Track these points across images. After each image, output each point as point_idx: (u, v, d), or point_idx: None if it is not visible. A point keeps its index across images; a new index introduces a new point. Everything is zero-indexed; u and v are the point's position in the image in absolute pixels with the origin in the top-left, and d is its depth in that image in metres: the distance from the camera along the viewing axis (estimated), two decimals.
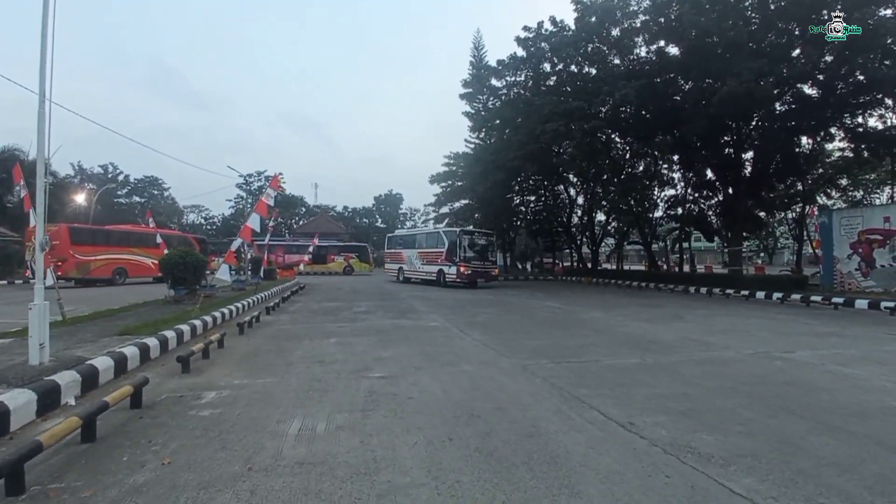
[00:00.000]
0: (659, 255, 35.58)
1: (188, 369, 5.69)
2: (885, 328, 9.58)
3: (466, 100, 35.02)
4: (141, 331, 7.52)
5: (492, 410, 4.29)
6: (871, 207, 19.54)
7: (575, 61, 23.54)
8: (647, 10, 20.69)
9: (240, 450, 3.38)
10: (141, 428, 3.82)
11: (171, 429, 3.80)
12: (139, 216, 61.89)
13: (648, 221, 30.37)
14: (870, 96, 17.43)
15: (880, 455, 3.32)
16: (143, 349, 6.06)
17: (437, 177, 38.90)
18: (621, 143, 27.97)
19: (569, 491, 2.79)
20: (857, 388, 5.11)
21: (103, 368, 5.05)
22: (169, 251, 13.79)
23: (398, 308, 13.37)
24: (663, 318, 11.27)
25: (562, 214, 35.95)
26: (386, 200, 75.79)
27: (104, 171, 60.23)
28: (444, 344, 7.79)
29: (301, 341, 8.00)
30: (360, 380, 5.40)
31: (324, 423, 3.93)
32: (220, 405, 4.44)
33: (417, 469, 3.08)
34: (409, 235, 29.70)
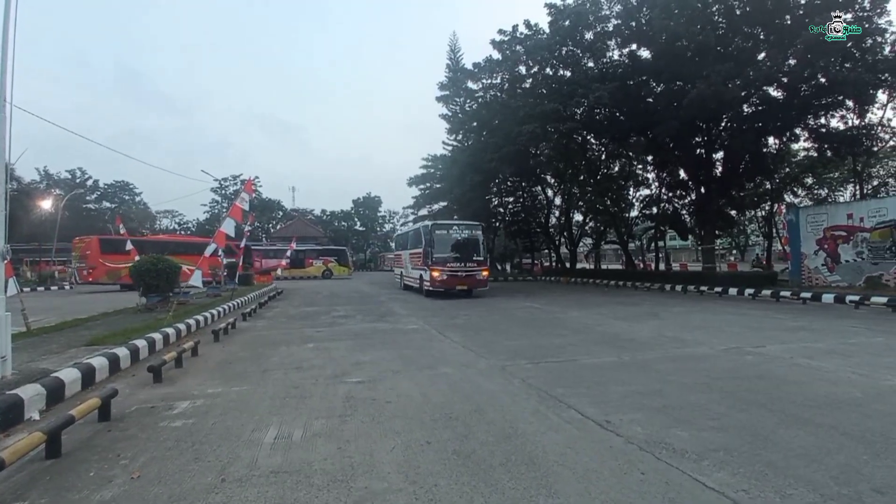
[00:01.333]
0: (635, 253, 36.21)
1: (160, 379, 5.55)
2: (850, 321, 9.92)
3: (443, 102, 35.10)
4: (110, 340, 7.30)
5: (470, 412, 4.29)
6: (835, 205, 20.23)
7: (550, 64, 23.78)
8: (618, 15, 21.05)
9: (213, 460, 3.31)
10: (109, 441, 3.71)
11: (140, 441, 3.69)
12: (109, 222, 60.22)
13: (624, 221, 30.92)
14: (831, 98, 18.06)
15: (846, 446, 3.43)
16: (112, 359, 5.88)
17: (416, 179, 38.86)
18: (597, 145, 28.37)
19: (546, 491, 2.80)
20: (824, 380, 5.27)
21: (70, 381, 4.88)
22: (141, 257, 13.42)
23: (377, 312, 13.29)
24: (639, 316, 11.45)
25: (540, 215, 36.27)
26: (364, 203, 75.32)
27: (72, 177, 58.67)
28: (423, 347, 7.77)
29: (278, 347, 7.89)
30: (338, 385, 5.35)
31: (300, 431, 3.88)
32: (194, 415, 4.33)
33: (395, 474, 3.05)
34: (403, 234, 25.71)
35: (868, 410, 4.19)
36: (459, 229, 17.89)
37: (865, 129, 19.40)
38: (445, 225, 18.14)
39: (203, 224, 68.06)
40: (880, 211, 14.98)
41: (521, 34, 23.62)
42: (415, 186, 39.53)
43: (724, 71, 16.39)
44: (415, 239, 20.24)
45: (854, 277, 15.48)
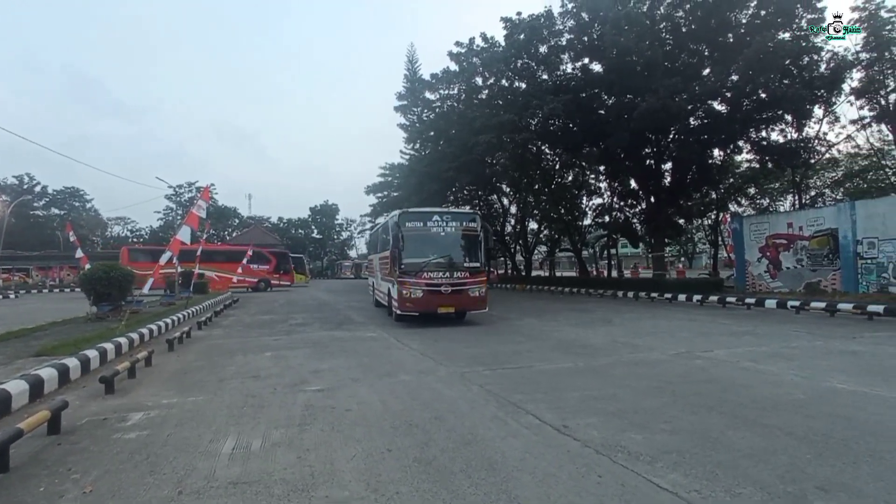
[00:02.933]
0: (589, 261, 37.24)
1: (112, 390, 5.32)
2: (791, 326, 10.54)
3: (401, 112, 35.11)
4: (59, 351, 6.94)
5: (430, 420, 4.31)
6: (776, 214, 21.50)
7: (505, 76, 24.30)
8: (571, 30, 21.77)
9: (169, 473, 3.21)
10: (59, 455, 3.56)
11: (93, 455, 3.56)
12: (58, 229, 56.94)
13: (578, 229, 31.78)
14: (772, 112, 19.21)
15: (790, 445, 3.63)
16: (61, 370, 5.59)
17: (373, 187, 38.76)
18: (551, 155, 29.08)
19: (506, 496, 2.85)
20: (769, 383, 5.57)
21: (16, 393, 4.62)
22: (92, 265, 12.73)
23: (334, 319, 13.13)
24: (593, 322, 11.79)
25: (496, 223, 36.80)
26: (322, 211, 74.37)
27: (19, 182, 55.75)
28: (382, 354, 7.75)
29: (234, 356, 7.69)
30: (296, 394, 5.26)
31: (259, 440, 3.80)
32: (148, 427, 4.19)
33: (356, 482, 3.03)
34: (374, 231, 20.01)
35: (810, 411, 4.44)
36: (443, 220, 11.70)
37: (803, 142, 20.72)
38: (421, 215, 11.86)
39: (157, 231, 65.55)
40: (818, 220, 16.01)
41: (477, 46, 24.01)
42: (372, 195, 39.41)
43: (671, 85, 17.22)
44: (383, 237, 14.35)
45: (794, 283, 16.46)
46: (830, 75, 18.08)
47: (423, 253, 11.29)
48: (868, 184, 23.94)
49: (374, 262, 16.85)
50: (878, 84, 18.90)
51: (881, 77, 18.72)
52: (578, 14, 20.99)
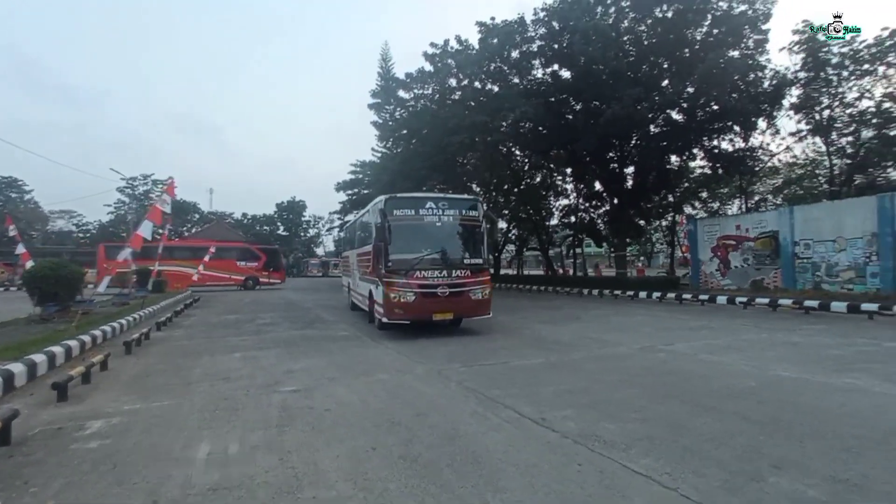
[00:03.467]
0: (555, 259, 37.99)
1: (66, 397, 5.03)
2: (740, 320, 11.15)
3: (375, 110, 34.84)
4: (1, 355, 6.47)
5: (412, 417, 4.34)
6: (726, 217, 22.62)
7: (478, 78, 24.57)
8: (542, 37, 22.23)
9: (140, 482, 3.08)
10: (12, 468, 3.32)
11: (50, 466, 3.34)
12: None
13: (545, 229, 32.38)
14: (722, 123, 20.35)
15: (746, 429, 3.90)
16: (5, 377, 5.22)
17: (344, 184, 38.42)
18: (521, 156, 29.53)
19: (493, 487, 2.93)
20: (724, 373, 5.91)
21: None
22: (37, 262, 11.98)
23: (304, 319, 12.91)
24: (563, 319, 12.09)
25: None
26: (288, 207, 72.53)
27: None
28: (357, 353, 7.70)
29: (200, 358, 7.44)
30: (271, 395, 5.16)
31: (236, 444, 3.71)
32: (111, 435, 3.99)
33: (343, 482, 3.03)
34: (351, 224, 17.01)
35: (761, 397, 4.78)
36: (439, 207, 9.77)
37: (749, 151, 21.99)
38: (412, 201, 9.84)
39: (106, 226, 61.87)
40: (762, 223, 17.00)
41: (452, 48, 24.15)
42: (343, 192, 39.05)
43: (634, 94, 17.88)
44: (363, 229, 12.59)
45: (742, 281, 17.38)
46: (773, 91, 19.37)
47: (415, 247, 9.40)
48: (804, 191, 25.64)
49: (351, 259, 14.43)
50: (813, 101, 20.31)
51: (816, 94, 20.12)
52: (549, 23, 21.49)
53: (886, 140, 19.68)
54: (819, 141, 21.68)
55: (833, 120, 20.34)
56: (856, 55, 18.48)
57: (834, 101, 19.93)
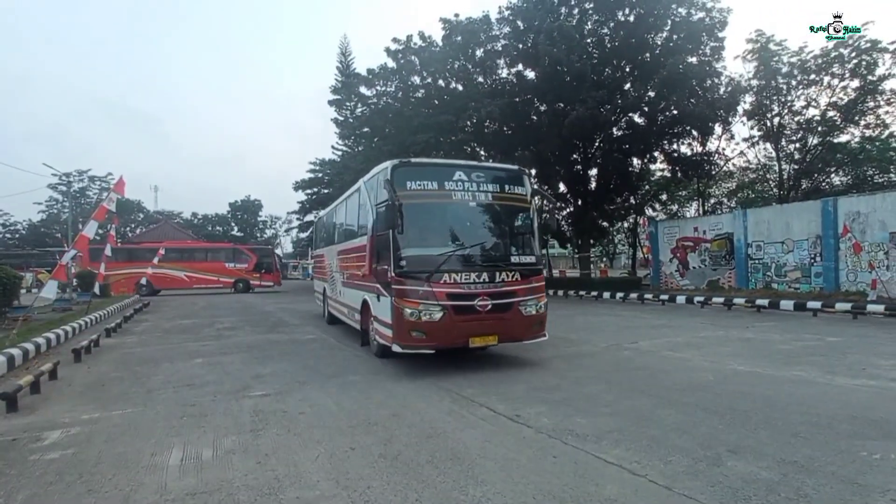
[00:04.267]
0: None
1: (16, 407, 4.76)
2: (699, 319, 11.66)
3: (335, 106, 34.38)
4: None
5: (388, 417, 4.35)
6: (685, 219, 23.62)
7: (443, 76, 24.65)
8: (507, 36, 22.52)
9: (111, 490, 2.97)
10: None
11: (11, 478, 3.17)
12: None
13: None
14: (682, 128, 21.13)
15: (706, 419, 4.13)
16: None
17: (302, 183, 37.58)
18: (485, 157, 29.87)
19: (474, 481, 2.98)
20: (685, 368, 6.20)
21: None
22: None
23: (267, 322, 12.63)
24: None
25: None
26: (243, 207, 70.23)
27: None
28: (326, 356, 7.62)
29: (159, 364, 7.17)
30: (241, 400, 5.05)
31: (210, 449, 3.62)
32: (72, 445, 3.81)
33: (325, 481, 3.02)
34: (329, 211, 13.12)
35: (718, 390, 5.06)
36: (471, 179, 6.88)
37: (706, 155, 22.95)
38: (433, 170, 7.09)
39: (37, 226, 57.89)
40: (718, 225, 17.82)
41: (415, 44, 24.12)
42: (301, 191, 38.19)
43: (598, 97, 18.40)
44: (349, 215, 9.68)
45: (699, 281, 18.17)
46: (728, 98, 20.30)
47: (439, 238, 6.55)
48: (756, 194, 27.02)
49: (329, 258, 11.19)
50: (764, 108, 21.45)
51: (767, 102, 21.24)
52: (514, 22, 21.76)
53: (830, 147, 20.99)
54: (770, 147, 22.90)
55: (783, 127, 21.54)
56: (804, 65, 19.58)
57: (783, 109, 21.10)
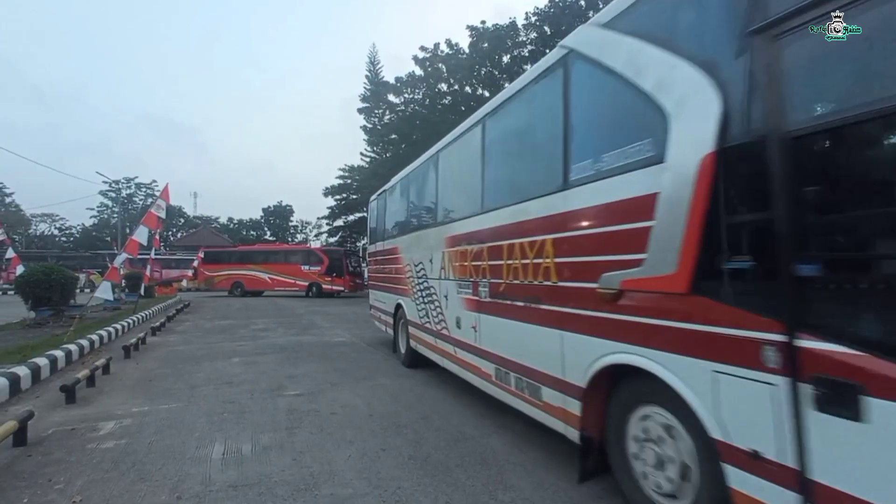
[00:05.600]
0: None
1: (74, 399, 5.10)
2: None
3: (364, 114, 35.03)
4: (3, 359, 6.54)
5: (417, 420, 4.46)
6: None
7: (469, 83, 24.90)
8: (534, 42, 22.61)
9: (161, 479, 3.18)
10: (34, 467, 3.41)
11: (71, 465, 3.43)
12: None
13: None
14: None
15: None
16: (12, 380, 5.28)
17: (332, 189, 38.43)
18: None
19: (503, 486, 3.07)
20: None
21: None
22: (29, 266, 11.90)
23: (298, 324, 12.95)
24: None
25: None
26: (275, 212, 72.13)
27: None
28: (356, 359, 7.78)
29: (200, 362, 7.49)
30: (276, 399, 5.25)
31: (249, 445, 3.82)
32: (125, 435, 4.08)
33: (358, 480, 3.15)
34: (421, 166, 7.49)
35: None
36: None
37: None
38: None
39: (90, 230, 61.29)
40: None
41: (442, 52, 24.45)
42: (331, 197, 39.00)
43: None
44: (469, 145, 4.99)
45: None
46: None
47: None
48: None
49: (414, 253, 6.59)
50: None
51: None
52: (541, 27, 21.85)
53: None
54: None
55: None
56: None
57: None
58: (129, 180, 59.65)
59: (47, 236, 62.17)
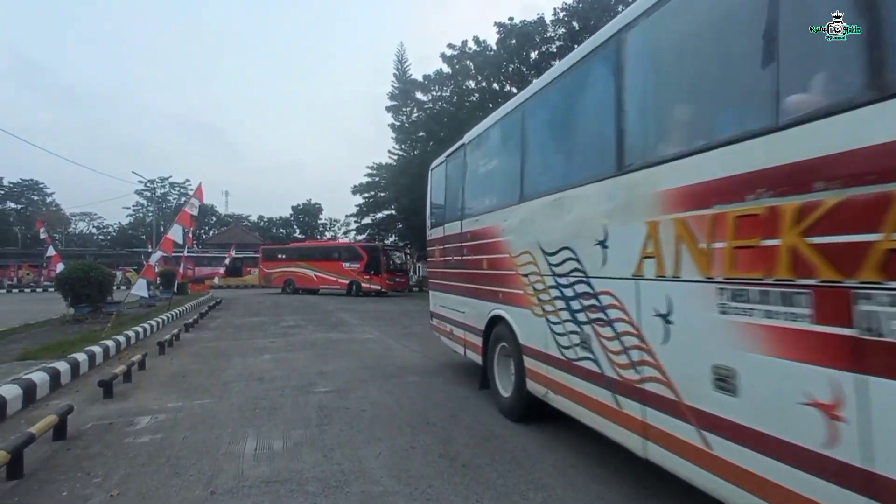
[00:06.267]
0: None
1: (111, 394, 5.24)
2: None
3: (392, 112, 35.22)
4: (44, 354, 6.78)
5: (446, 418, 4.42)
6: None
7: (497, 80, 24.72)
8: (562, 37, 22.26)
9: (195, 474, 3.22)
10: (73, 460, 3.50)
11: (108, 459, 3.51)
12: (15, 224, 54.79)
13: None
14: None
15: None
16: (52, 375, 5.47)
17: (360, 187, 38.77)
18: None
19: (535, 485, 3.00)
20: None
21: (11, 398, 4.52)
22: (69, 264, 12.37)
23: (328, 321, 13.07)
24: None
25: None
26: (304, 210, 73.38)
27: None
28: (385, 356, 7.79)
29: (231, 359, 7.62)
30: (307, 395, 5.29)
31: (280, 441, 3.84)
32: (160, 430, 4.16)
33: (388, 478, 3.13)
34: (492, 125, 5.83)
35: None
36: None
37: None
38: None
39: (126, 228, 63.53)
40: None
41: (469, 49, 24.32)
42: (359, 195, 39.36)
43: None
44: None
45: None
46: None
47: None
48: None
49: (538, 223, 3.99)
50: None
51: None
52: (570, 23, 21.52)
53: None
54: None
55: None
56: None
57: None
58: (163, 180, 61.56)
59: (86, 235, 64.75)
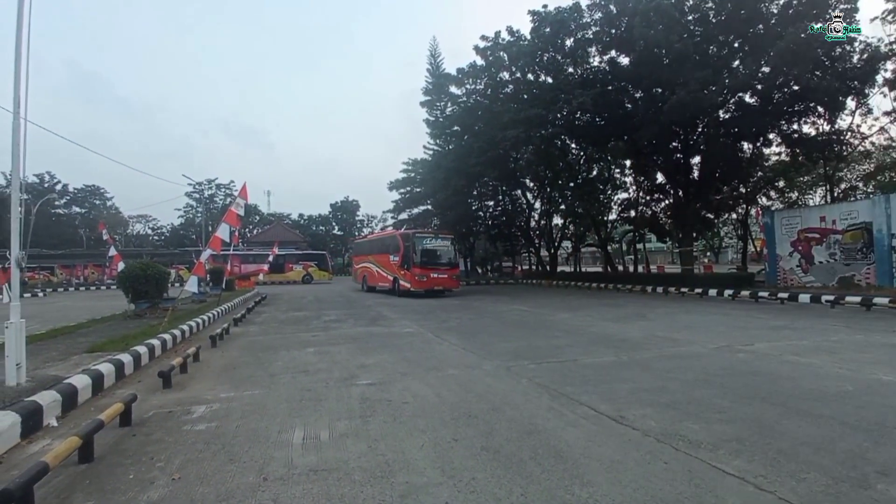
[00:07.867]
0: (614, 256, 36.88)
1: (170, 384, 5.54)
2: (828, 320, 10.38)
3: (427, 107, 35.33)
4: (110, 347, 7.22)
5: (488, 411, 4.42)
6: (808, 208, 21.03)
7: (532, 70, 24.32)
8: (598, 22, 21.63)
9: (248, 461, 3.36)
10: (137, 445, 3.72)
11: (169, 445, 3.72)
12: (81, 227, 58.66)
13: (603, 224, 31.51)
14: (803, 105, 18.91)
15: (846, 433, 3.68)
16: (118, 366, 5.84)
17: (396, 183, 39.23)
18: (576, 149, 28.93)
19: (579, 481, 2.96)
20: (815, 375, 5.56)
21: (82, 387, 4.84)
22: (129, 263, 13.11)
23: (367, 316, 13.32)
24: (627, 317, 11.76)
25: (520, 219, 36.64)
26: (342, 207, 74.71)
27: (39, 181, 57.06)
28: (424, 350, 7.87)
29: (278, 352, 7.89)
30: (350, 387, 5.41)
31: (326, 431, 3.95)
32: (214, 419, 4.36)
33: (431, 469, 3.17)
34: None
35: (861, 402, 4.46)
36: None
37: (835, 134, 20.30)
38: None
39: (178, 229, 66.88)
40: (851, 214, 15.70)
41: (503, 40, 23.99)
42: (395, 190, 39.82)
43: (701, 78, 16.97)
44: None
45: (827, 278, 16.16)
46: (864, 67, 17.78)
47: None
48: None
49: None
50: None
51: None
52: (607, 6, 20.89)
53: None
54: None
55: None
56: None
57: None
58: (210, 181, 64.25)
59: (142, 235, 68.78)
